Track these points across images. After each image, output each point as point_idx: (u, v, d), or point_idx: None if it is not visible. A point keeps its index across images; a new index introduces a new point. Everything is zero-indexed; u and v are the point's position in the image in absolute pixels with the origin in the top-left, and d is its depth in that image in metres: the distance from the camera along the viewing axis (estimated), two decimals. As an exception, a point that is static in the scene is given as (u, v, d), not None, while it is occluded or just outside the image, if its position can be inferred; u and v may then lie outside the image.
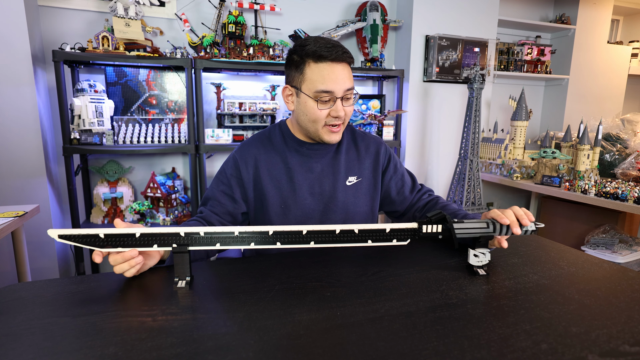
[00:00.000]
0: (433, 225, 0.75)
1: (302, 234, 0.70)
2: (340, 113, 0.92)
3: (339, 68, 0.90)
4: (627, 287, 0.70)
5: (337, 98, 0.91)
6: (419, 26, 2.49)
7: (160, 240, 0.69)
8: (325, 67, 0.89)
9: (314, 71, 0.90)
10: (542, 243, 0.96)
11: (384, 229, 0.73)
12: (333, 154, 1.04)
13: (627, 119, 2.59)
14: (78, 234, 0.66)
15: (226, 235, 0.70)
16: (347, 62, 0.93)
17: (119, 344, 0.52)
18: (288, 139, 1.03)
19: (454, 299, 0.65)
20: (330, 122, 0.93)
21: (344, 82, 0.91)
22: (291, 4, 2.38)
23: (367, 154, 1.07)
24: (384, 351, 0.50)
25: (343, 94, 0.91)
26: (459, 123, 2.69)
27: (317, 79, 0.90)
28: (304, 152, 1.02)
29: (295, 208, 0.99)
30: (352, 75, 0.95)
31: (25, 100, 1.79)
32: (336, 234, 0.71)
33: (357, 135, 1.10)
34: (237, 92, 2.32)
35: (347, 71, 0.93)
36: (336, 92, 0.90)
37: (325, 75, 0.89)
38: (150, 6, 2.09)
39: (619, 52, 3.34)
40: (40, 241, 1.91)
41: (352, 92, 0.94)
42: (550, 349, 0.50)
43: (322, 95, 0.90)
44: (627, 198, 1.89)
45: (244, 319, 0.58)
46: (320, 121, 0.93)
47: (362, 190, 1.04)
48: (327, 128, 0.94)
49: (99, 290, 0.69)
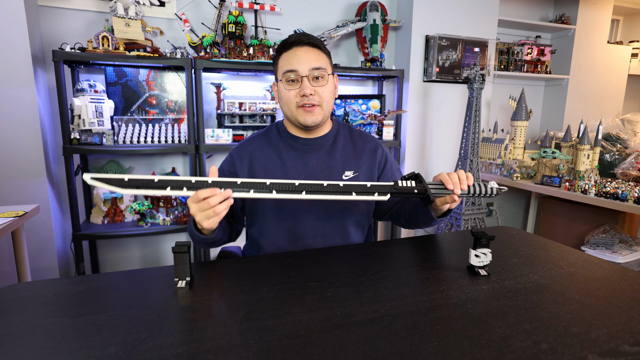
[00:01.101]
0: (408, 182, 0.85)
1: (295, 185, 0.77)
2: (306, 90, 0.95)
3: (302, 50, 0.97)
4: (627, 287, 0.70)
5: (303, 77, 0.95)
6: (419, 26, 2.49)
7: (173, 184, 0.73)
8: (290, 53, 0.97)
9: (283, 59, 0.98)
10: (542, 243, 0.96)
11: (365, 184, 0.81)
12: (328, 148, 1.06)
13: (627, 119, 2.59)
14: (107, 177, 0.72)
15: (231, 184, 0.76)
16: (312, 45, 0.98)
17: (119, 344, 0.52)
18: (283, 135, 1.06)
19: (454, 299, 0.65)
20: (301, 102, 0.97)
21: (308, 62, 0.96)
22: (291, 4, 2.38)
23: (365, 151, 1.09)
24: (384, 351, 0.50)
25: (309, 73, 0.95)
26: (459, 123, 2.69)
27: (284, 64, 0.98)
28: (298, 147, 1.04)
29: (290, 202, 1.00)
30: (323, 58, 0.99)
31: (25, 100, 1.79)
32: (324, 187, 0.79)
33: (355, 132, 1.13)
34: (237, 92, 2.32)
35: (314, 53, 0.97)
36: (300, 70, 0.95)
37: (289, 58, 0.97)
38: (150, 6, 2.09)
39: (619, 52, 3.34)
40: (40, 241, 1.91)
41: (323, 72, 0.97)
42: (550, 349, 0.51)
43: (287, 76, 0.96)
44: (627, 198, 1.89)
45: (244, 319, 0.58)
46: (291, 102, 0.98)
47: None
48: (302, 109, 0.97)
49: (99, 290, 0.69)
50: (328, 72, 0.99)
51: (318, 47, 0.99)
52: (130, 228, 2.00)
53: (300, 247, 1.00)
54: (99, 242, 2.20)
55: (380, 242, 1.00)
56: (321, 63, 0.97)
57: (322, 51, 0.99)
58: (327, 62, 1.00)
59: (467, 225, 2.34)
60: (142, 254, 2.32)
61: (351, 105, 2.46)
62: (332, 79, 1.02)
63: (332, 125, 1.10)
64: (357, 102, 2.48)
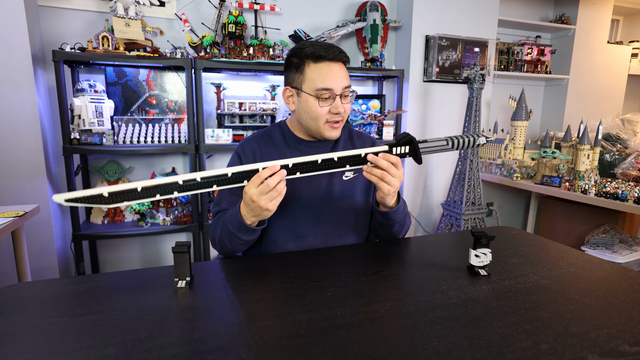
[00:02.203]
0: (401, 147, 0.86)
1: (289, 167, 0.78)
2: (340, 109, 0.96)
3: (337, 67, 0.96)
4: (627, 287, 0.70)
5: (337, 95, 0.96)
6: (419, 26, 2.49)
7: (162, 189, 0.70)
8: (324, 67, 0.95)
9: (314, 71, 0.95)
10: (542, 243, 0.96)
11: (360, 154, 0.83)
12: (330, 150, 1.06)
13: (627, 119, 2.59)
14: (82, 196, 0.66)
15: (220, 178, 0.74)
16: (344, 61, 0.99)
17: (119, 344, 0.52)
18: (288, 137, 1.07)
19: (454, 299, 0.65)
20: (331, 118, 0.98)
21: (342, 80, 0.96)
22: (291, 4, 2.38)
23: None
24: (384, 351, 0.50)
25: (342, 91, 0.96)
26: (459, 123, 2.69)
27: (317, 78, 0.95)
28: (302, 149, 1.05)
29: (293, 202, 1.02)
30: (348, 75, 1.00)
31: (25, 100, 1.79)
32: (318, 164, 0.80)
33: (354, 134, 1.14)
34: (237, 92, 2.32)
35: (344, 70, 0.99)
36: (335, 89, 0.95)
37: (324, 74, 0.95)
38: (150, 6, 2.09)
39: (619, 52, 3.34)
40: (40, 241, 1.91)
41: (350, 89, 0.99)
42: (550, 349, 0.50)
43: (322, 93, 0.95)
44: (627, 198, 1.89)
45: (244, 319, 0.59)
46: (321, 118, 0.97)
47: (359, 185, 1.07)
48: (329, 124, 0.98)
49: (99, 290, 0.69)
50: (351, 88, 1.00)
51: (346, 63, 1.00)
52: (130, 228, 2.00)
53: (300, 245, 1.01)
54: (99, 242, 2.20)
55: (380, 242, 1.00)
56: (348, 80, 0.99)
57: (346, 66, 1.01)
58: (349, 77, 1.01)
59: (467, 225, 2.34)
60: (142, 254, 2.32)
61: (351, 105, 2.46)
62: None
63: None
64: (357, 102, 2.48)
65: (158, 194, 0.70)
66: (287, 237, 1.01)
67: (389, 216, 0.96)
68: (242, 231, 0.87)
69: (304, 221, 1.01)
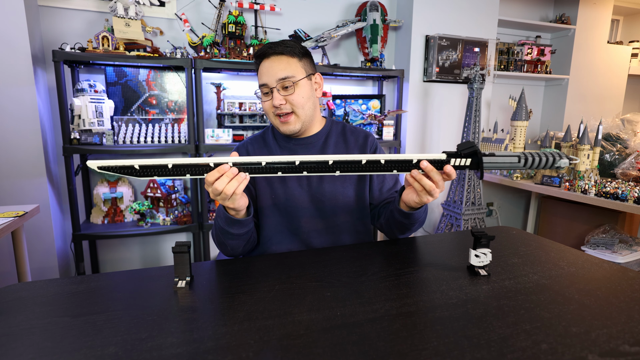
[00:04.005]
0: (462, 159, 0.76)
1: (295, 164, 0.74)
2: (275, 102, 0.96)
3: (269, 61, 0.97)
4: (627, 287, 0.70)
5: (272, 88, 0.97)
6: (419, 26, 2.49)
7: (192, 169, 0.72)
8: (261, 65, 0.99)
9: (259, 72, 1.00)
10: (542, 243, 0.96)
11: (411, 159, 0.75)
12: (320, 147, 1.07)
13: (627, 119, 2.59)
14: (115, 165, 0.69)
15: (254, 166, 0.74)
16: (277, 53, 0.97)
17: (119, 344, 0.52)
18: (278, 137, 1.09)
19: (454, 299, 0.65)
20: (276, 111, 0.99)
21: (276, 73, 0.96)
22: (291, 4, 2.38)
23: (356, 145, 1.10)
24: (384, 351, 0.50)
25: (276, 84, 0.96)
26: (459, 123, 2.69)
27: (259, 77, 1.00)
28: (291, 147, 1.07)
29: (285, 199, 1.03)
30: (292, 64, 0.97)
31: (25, 100, 1.79)
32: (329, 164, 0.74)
33: (348, 130, 1.13)
34: (237, 92, 2.32)
35: (280, 62, 0.97)
36: (269, 83, 0.97)
37: (261, 71, 0.99)
38: (150, 6, 2.09)
39: (619, 52, 3.34)
40: (40, 241, 1.91)
41: (289, 80, 0.96)
42: (550, 349, 0.50)
43: (261, 89, 1.00)
44: (627, 198, 1.89)
45: (244, 319, 0.58)
46: (269, 113, 1.01)
47: (350, 179, 1.07)
48: (279, 119, 1.00)
49: (99, 290, 0.69)
50: (297, 78, 0.97)
51: (283, 53, 0.97)
52: (130, 228, 2.00)
53: (297, 242, 1.02)
54: (99, 242, 2.20)
55: (380, 242, 1.00)
56: (288, 71, 0.96)
57: (290, 56, 0.98)
58: (296, 67, 0.98)
59: (467, 225, 2.34)
60: (142, 254, 2.32)
61: (351, 105, 2.46)
62: (304, 83, 0.99)
63: (324, 123, 1.11)
64: (357, 102, 2.48)
65: (188, 174, 0.72)
66: (282, 235, 1.02)
67: (413, 216, 0.92)
68: (229, 224, 0.87)
69: (296, 219, 1.02)
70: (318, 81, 1.06)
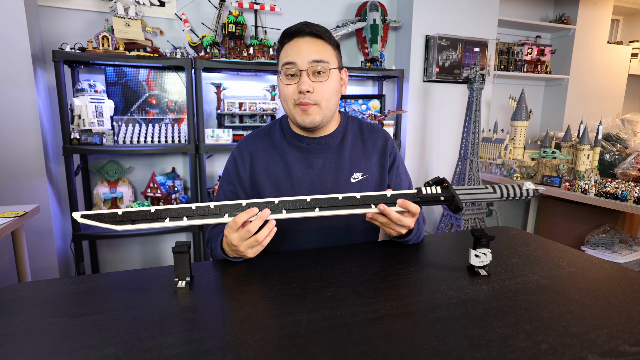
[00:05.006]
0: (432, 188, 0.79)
1: (307, 201, 0.74)
2: (303, 86, 0.86)
3: (303, 41, 0.88)
4: (627, 287, 0.70)
5: (302, 70, 0.87)
6: (419, 26, 2.49)
7: (172, 213, 0.71)
8: (291, 43, 0.89)
9: (283, 50, 0.90)
10: (542, 243, 0.96)
11: (385, 194, 0.77)
12: (336, 148, 0.98)
13: (627, 119, 2.59)
14: (98, 213, 0.69)
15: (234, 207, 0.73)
16: (315, 35, 0.89)
17: (119, 344, 0.52)
18: (287, 134, 0.99)
19: (454, 299, 0.64)
20: (298, 99, 0.88)
21: (308, 53, 0.86)
22: (291, 4, 2.38)
23: (375, 148, 1.01)
24: (384, 351, 0.50)
25: (308, 66, 0.86)
26: (459, 123, 2.69)
27: (283, 56, 0.90)
28: (303, 147, 0.97)
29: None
30: (327, 50, 0.90)
31: (25, 100, 1.79)
32: (339, 200, 0.75)
33: (365, 128, 1.03)
34: (237, 92, 2.32)
35: (316, 44, 0.88)
36: (298, 63, 0.86)
37: (289, 49, 0.88)
38: (150, 6, 2.09)
39: (619, 52, 3.34)
40: (40, 241, 1.91)
41: (325, 65, 0.87)
42: (550, 349, 0.50)
43: (286, 68, 0.88)
44: (627, 198, 1.89)
45: (244, 319, 0.58)
46: (289, 99, 0.89)
47: (368, 187, 0.98)
48: (299, 108, 0.89)
49: (99, 290, 0.69)
50: (331, 65, 0.89)
51: (321, 37, 0.89)
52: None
53: (299, 243, 0.97)
54: (98, 242, 2.20)
55: (380, 242, 1.00)
56: (324, 55, 0.87)
57: (326, 42, 0.90)
58: (331, 55, 0.90)
59: (467, 225, 2.34)
60: (142, 254, 2.32)
61: (351, 105, 2.46)
62: (336, 74, 0.91)
63: (339, 121, 1.01)
64: (357, 102, 2.48)
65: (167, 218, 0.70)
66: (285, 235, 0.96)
67: (404, 240, 0.91)
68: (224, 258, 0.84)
69: (306, 227, 0.96)
70: (344, 77, 0.97)
